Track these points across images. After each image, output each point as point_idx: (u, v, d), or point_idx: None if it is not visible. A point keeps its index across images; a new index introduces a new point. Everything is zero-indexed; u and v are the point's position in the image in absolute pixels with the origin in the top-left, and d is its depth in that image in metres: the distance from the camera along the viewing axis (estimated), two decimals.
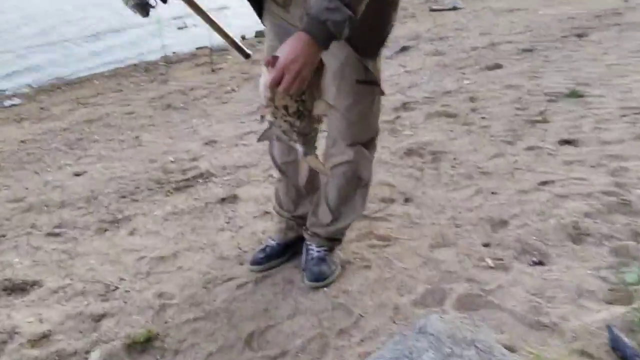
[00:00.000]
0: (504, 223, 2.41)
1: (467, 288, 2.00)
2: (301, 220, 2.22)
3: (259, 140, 1.58)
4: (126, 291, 2.22)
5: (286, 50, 1.43)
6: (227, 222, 2.67)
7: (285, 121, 1.51)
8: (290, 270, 2.22)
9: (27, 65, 7.89)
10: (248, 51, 2.08)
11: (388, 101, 4.17)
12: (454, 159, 3.10)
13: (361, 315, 1.93)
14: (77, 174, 3.57)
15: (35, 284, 2.34)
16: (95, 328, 2.02)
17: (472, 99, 4.06)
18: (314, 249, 2.16)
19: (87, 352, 1.88)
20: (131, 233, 2.69)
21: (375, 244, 2.35)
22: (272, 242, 2.28)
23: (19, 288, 2.32)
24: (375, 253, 2.28)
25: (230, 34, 1.94)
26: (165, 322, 2.01)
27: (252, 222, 2.65)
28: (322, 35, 1.43)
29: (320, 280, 2.09)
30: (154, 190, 3.16)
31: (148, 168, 3.50)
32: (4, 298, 2.26)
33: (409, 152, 3.24)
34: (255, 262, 2.24)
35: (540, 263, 2.14)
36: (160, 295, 2.17)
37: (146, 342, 1.89)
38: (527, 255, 2.18)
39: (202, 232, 2.62)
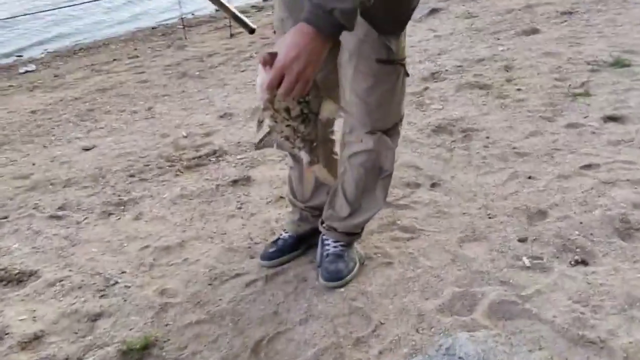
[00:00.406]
0: (542, 214, 2.17)
1: (500, 293, 1.77)
2: (316, 211, 2.01)
3: (257, 148, 1.35)
4: (126, 286, 2.04)
5: (286, 46, 1.18)
6: (239, 208, 2.47)
7: (287, 126, 1.28)
8: (304, 266, 2.02)
9: (58, 30, 7.68)
10: (252, 25, 1.84)
11: (416, 70, 3.89)
12: (487, 137, 2.83)
13: (381, 323, 1.74)
14: (86, 149, 3.40)
15: (32, 274, 2.18)
16: (90, 329, 1.85)
17: (507, 68, 3.76)
18: (330, 244, 1.95)
19: (79, 359, 1.73)
20: (136, 218, 2.52)
21: (399, 236, 2.14)
22: (285, 235, 2.08)
23: (15, 279, 2.17)
24: (398, 247, 2.07)
25: (232, 8, 1.71)
26: (166, 325, 1.83)
27: (264, 208, 2.45)
28: (328, 26, 1.18)
29: (336, 279, 1.89)
30: (163, 168, 2.97)
31: (159, 143, 3.30)
32: None
33: (438, 129, 2.98)
34: (266, 257, 2.04)
35: (584, 263, 1.91)
36: (162, 292, 2.00)
37: (143, 349, 1.72)
38: (569, 253, 1.95)
39: (212, 218, 2.43)
